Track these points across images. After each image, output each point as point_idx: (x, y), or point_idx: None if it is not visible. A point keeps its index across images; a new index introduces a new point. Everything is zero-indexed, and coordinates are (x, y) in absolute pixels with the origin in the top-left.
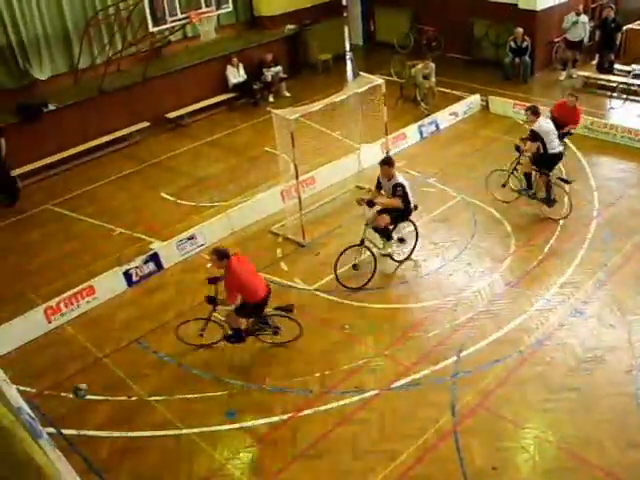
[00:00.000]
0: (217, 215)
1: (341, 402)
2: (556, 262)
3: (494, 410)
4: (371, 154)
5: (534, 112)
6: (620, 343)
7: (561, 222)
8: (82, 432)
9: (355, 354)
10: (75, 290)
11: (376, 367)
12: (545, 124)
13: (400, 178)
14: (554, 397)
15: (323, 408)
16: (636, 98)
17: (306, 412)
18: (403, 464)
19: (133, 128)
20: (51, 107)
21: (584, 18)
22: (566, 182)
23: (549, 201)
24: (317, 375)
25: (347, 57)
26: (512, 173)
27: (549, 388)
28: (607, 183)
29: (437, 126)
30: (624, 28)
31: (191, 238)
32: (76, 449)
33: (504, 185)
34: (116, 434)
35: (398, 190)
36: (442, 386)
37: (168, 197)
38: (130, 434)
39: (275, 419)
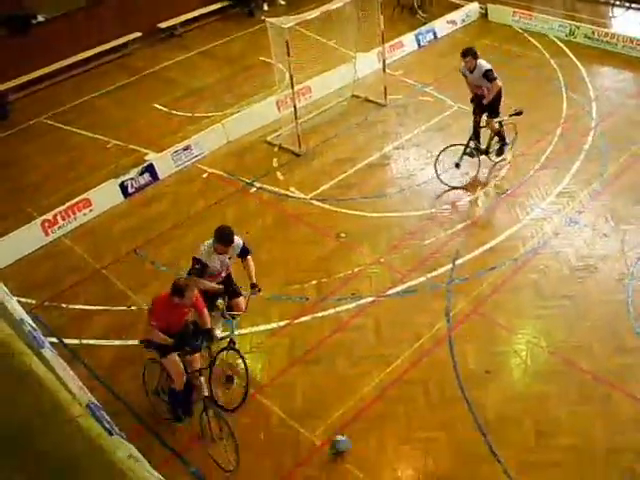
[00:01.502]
0: (212, 125)
1: (337, 309)
2: (552, 172)
3: (488, 316)
4: (367, 63)
5: (474, 55)
6: (613, 252)
7: (558, 131)
8: (84, 341)
9: (351, 262)
10: (71, 202)
11: (372, 274)
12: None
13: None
14: (547, 304)
15: (320, 315)
16: (638, 6)
17: (303, 319)
18: (398, 368)
19: (125, 39)
20: (40, 18)
21: None
22: (519, 114)
23: (505, 144)
24: (314, 283)
25: None
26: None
27: (542, 295)
28: (606, 93)
29: (435, 35)
30: None
31: (186, 149)
32: (78, 357)
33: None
34: (117, 342)
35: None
36: (437, 293)
37: (162, 108)
38: (131, 342)
39: (273, 326)
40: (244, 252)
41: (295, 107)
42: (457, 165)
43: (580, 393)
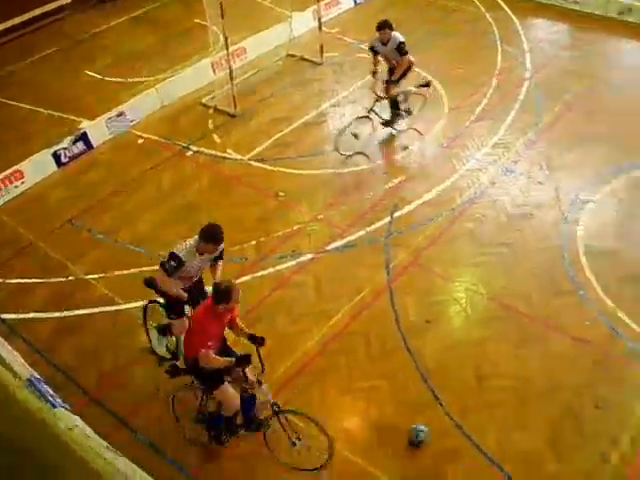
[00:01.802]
0: (146, 90)
1: (277, 267)
2: (487, 123)
3: (427, 267)
4: (303, 22)
5: (390, 27)
6: (548, 199)
7: (493, 83)
8: (21, 315)
9: (290, 220)
10: (2, 175)
11: (311, 231)
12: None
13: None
14: (485, 252)
15: (260, 274)
16: None
17: (243, 279)
18: (339, 322)
19: (55, 4)
20: None
21: None
22: (427, 85)
23: (408, 112)
24: (253, 243)
25: None
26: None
27: (480, 244)
28: (540, 45)
29: None
30: None
31: (120, 115)
32: (17, 332)
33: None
34: (56, 314)
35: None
36: (376, 247)
37: (95, 75)
38: (69, 313)
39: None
40: (221, 254)
41: (230, 68)
42: (355, 135)
43: (518, 336)
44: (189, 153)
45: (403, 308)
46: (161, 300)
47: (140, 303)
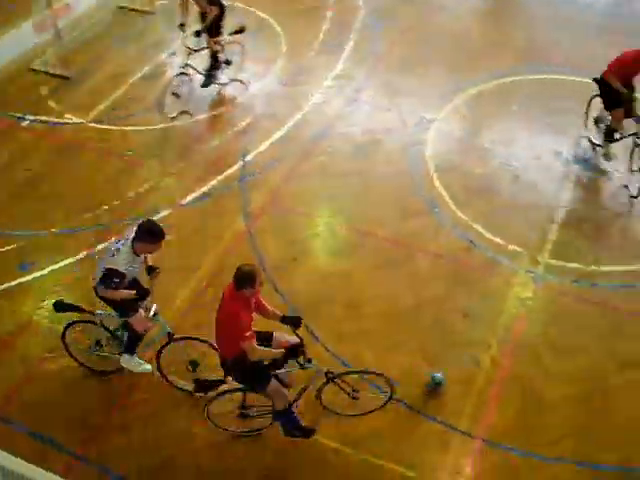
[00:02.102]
0: None
1: (134, 228)
2: (327, 56)
3: (284, 206)
4: None
5: None
6: (394, 124)
7: (329, 15)
8: None
9: (141, 179)
10: None
11: (164, 187)
12: None
13: None
14: (338, 183)
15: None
16: None
17: (101, 246)
18: (205, 274)
19: None
20: None
21: None
22: (240, 32)
23: (228, 63)
24: (105, 208)
25: None
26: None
27: (333, 175)
28: None
29: None
30: None
31: None
32: None
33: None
34: None
35: None
36: (232, 193)
37: None
38: None
39: (71, 260)
40: None
41: (56, 27)
42: (175, 94)
43: (382, 260)
44: (25, 123)
45: (266, 250)
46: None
47: None
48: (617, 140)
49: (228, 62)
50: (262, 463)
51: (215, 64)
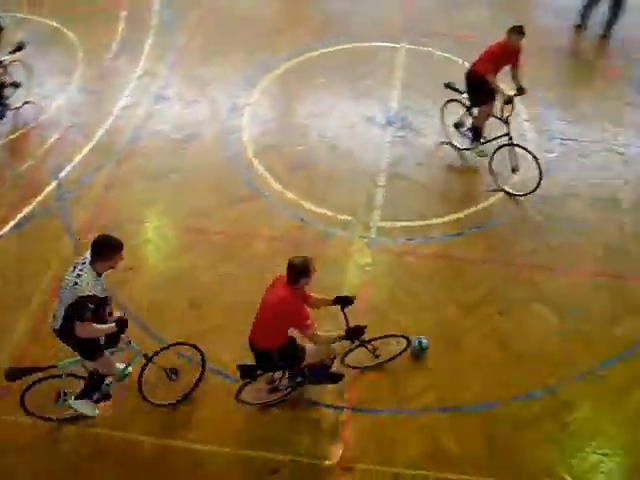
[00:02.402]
0: None
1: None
2: (127, 57)
3: (111, 216)
4: None
5: None
6: (207, 115)
7: (123, 15)
8: None
9: None
10: None
11: None
12: None
13: None
14: (160, 184)
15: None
16: None
17: None
18: (38, 304)
19: None
20: None
21: None
22: (19, 49)
23: (16, 85)
24: None
25: None
26: None
27: (154, 178)
28: None
29: None
30: None
31: None
32: None
33: None
34: None
35: None
36: (51, 214)
37: None
38: None
39: None
40: None
41: None
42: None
43: (220, 254)
44: None
45: None
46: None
47: None
48: (486, 142)
49: (16, 84)
50: None
51: (1, 91)
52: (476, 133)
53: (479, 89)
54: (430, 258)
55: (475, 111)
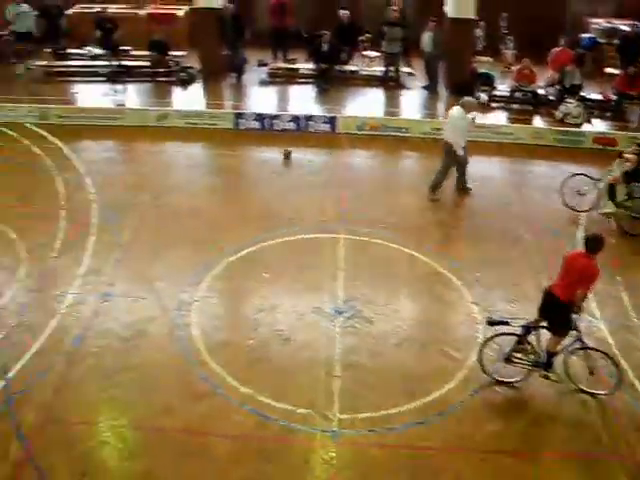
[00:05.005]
0: None
1: None
2: (71, 255)
3: (63, 419)
4: None
5: None
6: (154, 311)
7: (63, 214)
8: None
9: None
10: None
11: None
12: None
13: None
14: (114, 382)
15: None
16: (99, 79)
17: None
18: None
19: None
20: None
21: (26, 7)
22: None
23: None
24: None
25: None
26: None
27: (106, 376)
28: (96, 166)
29: None
30: (67, 12)
31: None
32: None
33: None
34: None
35: None
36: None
37: None
38: None
39: None
40: None
41: None
42: None
43: (179, 453)
44: None
45: (54, 472)
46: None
47: None
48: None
49: None
50: None
51: None
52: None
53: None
54: (394, 448)
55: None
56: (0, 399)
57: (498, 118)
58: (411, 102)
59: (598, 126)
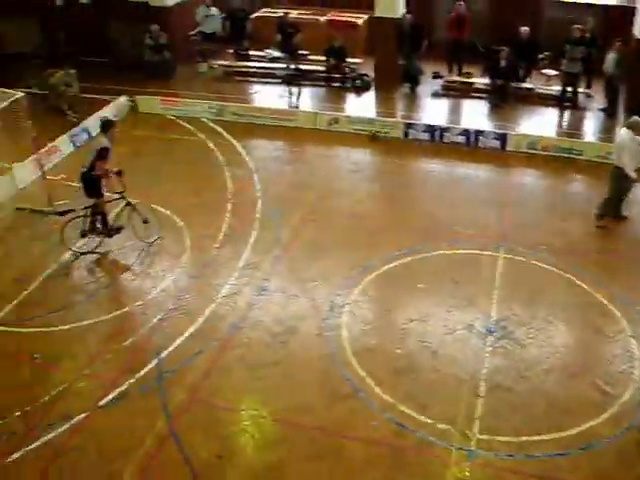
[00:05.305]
0: None
1: (51, 434)
2: (232, 247)
3: (206, 401)
4: (25, 172)
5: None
6: (306, 310)
7: (229, 207)
8: None
9: (54, 382)
10: None
11: (79, 389)
12: None
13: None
14: (258, 374)
15: (33, 446)
16: (275, 80)
17: (15, 456)
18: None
19: None
20: None
21: (215, 10)
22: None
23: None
24: (17, 414)
25: None
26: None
27: (252, 367)
28: (264, 163)
29: (89, 133)
30: (252, 16)
31: None
32: None
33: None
34: None
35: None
36: (150, 391)
37: None
38: None
39: None
40: None
41: None
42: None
43: (311, 451)
44: None
45: (192, 448)
46: None
47: None
48: None
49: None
50: None
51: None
52: None
53: None
54: (530, 477)
55: None
56: (152, 376)
57: None
58: (586, 124)
59: None
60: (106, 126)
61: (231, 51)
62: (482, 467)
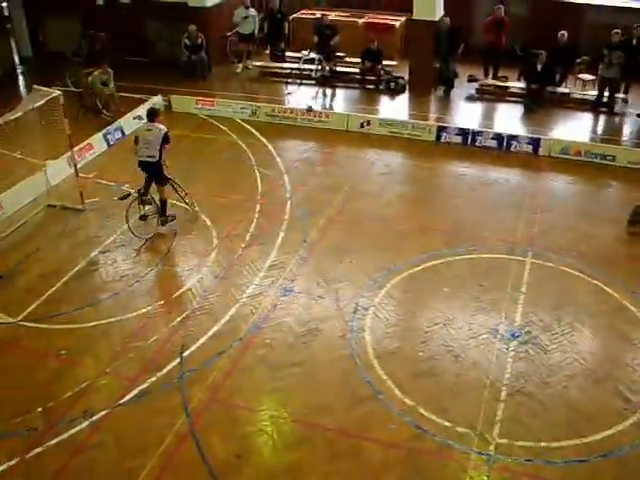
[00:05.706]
0: None
1: (71, 431)
2: (259, 247)
3: (226, 401)
4: (58, 169)
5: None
6: (330, 312)
7: (258, 208)
8: None
9: (77, 378)
10: None
11: (101, 386)
12: None
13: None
14: (280, 375)
15: (54, 442)
16: (309, 82)
17: (36, 451)
18: (149, 477)
19: None
20: None
21: (253, 12)
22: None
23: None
24: (40, 410)
25: (18, 71)
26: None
27: (274, 368)
28: (295, 165)
29: (123, 132)
30: (290, 18)
31: None
32: None
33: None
34: None
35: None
36: (171, 390)
37: None
38: None
39: (3, 468)
40: None
41: None
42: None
43: (330, 452)
44: None
45: (210, 448)
46: None
47: None
48: None
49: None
50: None
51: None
52: None
53: None
54: None
55: None
56: (174, 375)
57: None
58: (621, 129)
59: None
60: (152, 115)
61: (267, 52)
62: (500, 472)
